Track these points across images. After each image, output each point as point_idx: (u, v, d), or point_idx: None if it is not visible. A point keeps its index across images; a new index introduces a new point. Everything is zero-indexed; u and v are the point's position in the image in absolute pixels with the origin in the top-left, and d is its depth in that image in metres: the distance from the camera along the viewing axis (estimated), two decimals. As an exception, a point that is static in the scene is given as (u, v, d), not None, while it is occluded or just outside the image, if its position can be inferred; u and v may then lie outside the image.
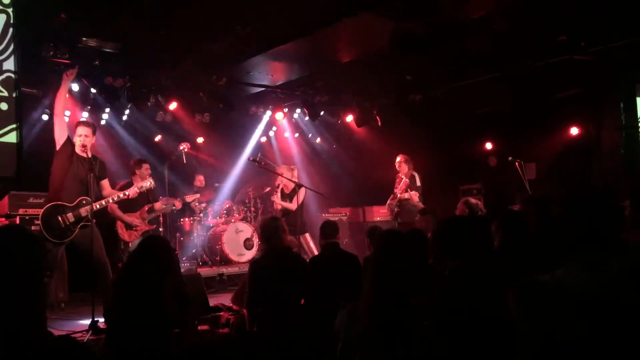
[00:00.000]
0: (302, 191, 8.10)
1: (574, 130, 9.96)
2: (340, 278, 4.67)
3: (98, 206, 5.83)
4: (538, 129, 10.03)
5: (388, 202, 8.99)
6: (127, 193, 6.16)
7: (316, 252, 7.79)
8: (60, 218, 5.60)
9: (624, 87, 9.67)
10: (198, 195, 9.08)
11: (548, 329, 1.78)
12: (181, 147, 9.25)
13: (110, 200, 6.03)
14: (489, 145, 11.12)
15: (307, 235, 8.24)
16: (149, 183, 6.41)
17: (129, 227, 7.39)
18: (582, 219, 1.98)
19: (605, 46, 7.63)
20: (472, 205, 6.30)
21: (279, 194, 8.29)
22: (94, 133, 5.89)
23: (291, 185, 8.23)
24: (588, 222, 1.96)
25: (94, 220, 5.70)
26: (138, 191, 6.30)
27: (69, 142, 5.75)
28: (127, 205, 7.18)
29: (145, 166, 7.67)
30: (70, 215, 5.64)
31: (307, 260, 5.28)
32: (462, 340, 2.59)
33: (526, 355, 1.81)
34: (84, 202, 5.66)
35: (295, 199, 8.09)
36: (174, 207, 8.12)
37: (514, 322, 1.85)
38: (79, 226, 5.67)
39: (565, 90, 9.59)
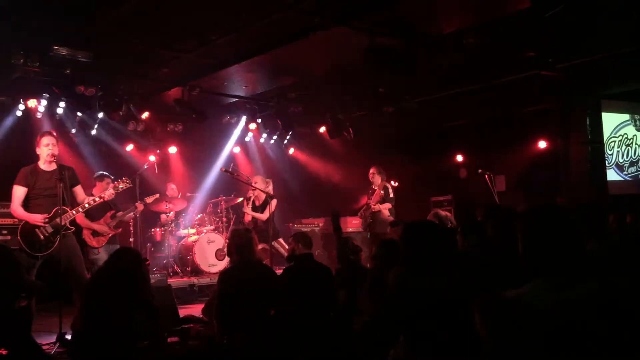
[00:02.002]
0: (273, 202, 8.16)
1: (542, 144, 10.17)
2: (313, 290, 4.69)
3: (74, 212, 5.78)
4: (507, 143, 10.23)
5: (360, 212, 9.06)
6: (102, 196, 6.07)
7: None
8: (38, 231, 5.54)
9: (590, 102, 9.93)
10: (157, 195, 8.98)
11: (513, 344, 1.82)
12: (146, 166, 9.20)
13: (87, 205, 5.94)
14: (459, 158, 11.28)
15: (281, 239, 8.30)
16: (122, 185, 6.35)
17: (96, 233, 7.34)
18: (546, 238, 2.02)
19: (572, 63, 7.82)
20: (442, 217, 6.39)
21: (250, 205, 8.34)
22: (57, 141, 5.86)
23: (263, 196, 8.26)
24: (552, 241, 2.00)
25: (72, 229, 5.66)
26: (114, 193, 6.23)
27: (29, 176, 5.66)
28: (91, 215, 7.14)
29: (107, 180, 7.60)
30: (48, 226, 5.57)
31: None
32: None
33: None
34: (60, 211, 5.60)
35: (267, 209, 8.12)
36: (136, 210, 8.06)
37: (479, 335, 1.89)
38: (58, 236, 5.60)
39: (534, 104, 9.80)
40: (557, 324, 1.80)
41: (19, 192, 5.62)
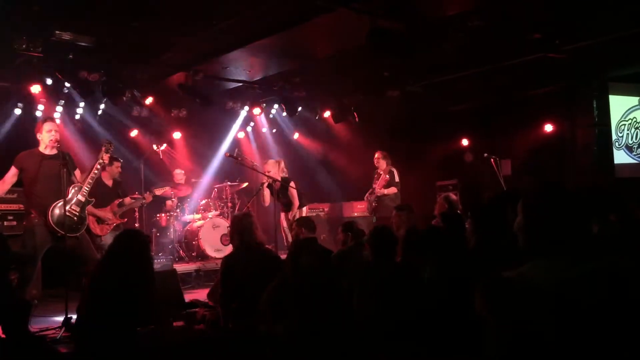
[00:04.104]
0: (294, 191, 8.11)
1: (549, 127, 10.10)
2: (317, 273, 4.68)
3: (87, 187, 5.82)
4: (513, 126, 10.17)
5: (366, 196, 9.05)
6: (100, 161, 5.99)
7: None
8: (68, 214, 5.58)
9: (597, 85, 9.84)
10: (167, 188, 9.00)
11: (514, 325, 1.80)
12: (155, 147, 9.22)
13: (94, 176, 5.91)
14: (465, 142, 11.22)
15: (305, 209, 8.23)
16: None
17: (100, 221, 7.35)
18: (550, 217, 1.99)
19: (579, 44, 7.73)
20: (452, 201, 6.39)
21: (264, 191, 8.16)
22: (57, 127, 5.88)
23: (279, 181, 8.19)
24: (556, 220, 1.97)
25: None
26: (108, 155, 6.15)
27: (26, 160, 5.68)
28: (98, 200, 7.13)
29: (117, 164, 7.63)
30: (74, 207, 5.65)
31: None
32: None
33: (494, 351, 1.83)
34: (76, 188, 5.71)
35: (294, 197, 8.09)
36: (144, 201, 8.07)
37: (481, 318, 1.87)
38: (86, 212, 5.81)
39: (540, 87, 9.72)
40: (559, 303, 1.78)
41: (10, 173, 5.68)
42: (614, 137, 10.08)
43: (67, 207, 5.59)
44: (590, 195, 3.38)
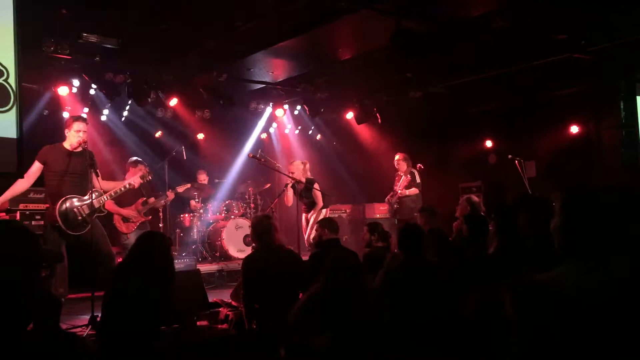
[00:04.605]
0: (318, 195, 8.17)
1: (574, 129, 9.96)
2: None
3: (107, 197, 5.89)
4: (538, 127, 10.05)
5: (387, 198, 9.02)
6: (131, 183, 6.19)
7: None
8: (76, 211, 5.67)
9: (624, 85, 9.68)
10: (188, 185, 9.06)
11: (542, 329, 1.78)
12: (174, 152, 9.31)
13: (118, 191, 6.06)
14: (489, 143, 11.12)
15: (324, 211, 8.30)
16: (150, 177, 6.50)
17: (125, 219, 7.46)
18: (581, 220, 1.96)
19: (605, 45, 7.62)
20: (474, 203, 6.34)
21: (288, 192, 8.24)
22: (87, 127, 5.96)
23: (304, 181, 8.24)
24: (589, 223, 1.95)
25: (105, 212, 5.95)
26: (141, 181, 6.34)
27: (50, 154, 5.74)
28: (123, 200, 7.24)
29: (141, 167, 7.68)
30: (85, 207, 5.70)
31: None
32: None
33: (518, 354, 1.82)
34: (96, 194, 5.73)
35: (317, 197, 8.17)
36: (166, 199, 8.17)
37: (509, 321, 1.85)
38: (93, 217, 5.79)
39: (565, 88, 9.59)
40: (589, 306, 1.76)
41: (34, 167, 5.72)
42: (641, 139, 9.91)
43: (79, 204, 5.67)
44: (620, 197, 3.32)
